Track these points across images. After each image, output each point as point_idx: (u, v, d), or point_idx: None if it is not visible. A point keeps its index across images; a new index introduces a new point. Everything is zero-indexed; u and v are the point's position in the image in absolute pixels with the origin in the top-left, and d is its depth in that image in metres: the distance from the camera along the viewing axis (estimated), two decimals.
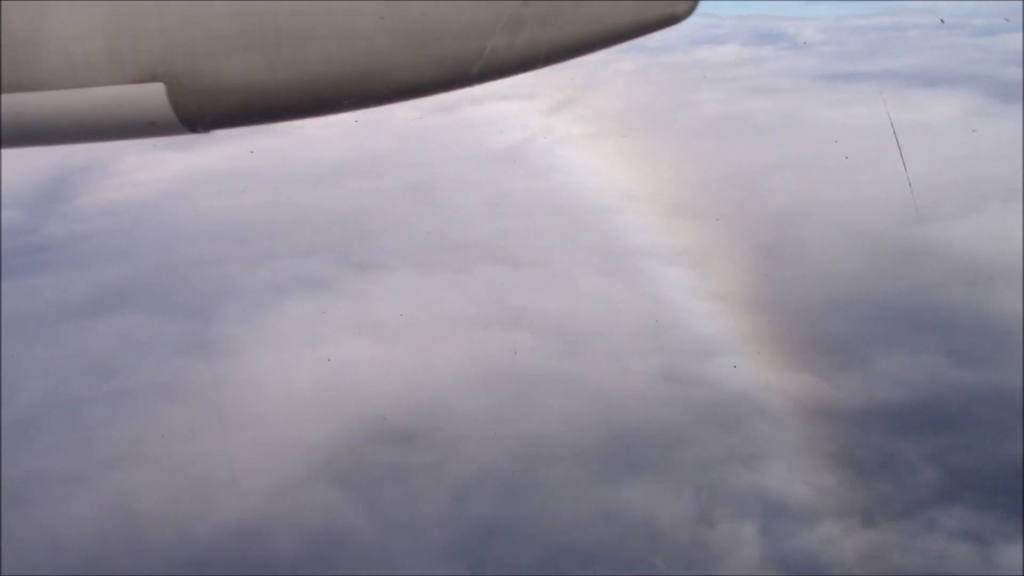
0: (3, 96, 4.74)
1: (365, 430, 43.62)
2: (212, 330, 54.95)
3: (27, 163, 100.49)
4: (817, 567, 34.34)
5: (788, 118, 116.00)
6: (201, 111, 4.67)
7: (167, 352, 52.29)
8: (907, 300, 56.08)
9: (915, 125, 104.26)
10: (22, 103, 4.74)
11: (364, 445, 42.69)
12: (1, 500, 36.56)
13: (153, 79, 4.58)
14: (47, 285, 67.63)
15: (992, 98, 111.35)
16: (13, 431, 44.40)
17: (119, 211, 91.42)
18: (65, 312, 61.45)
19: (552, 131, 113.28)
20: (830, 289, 58.09)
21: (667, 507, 37.74)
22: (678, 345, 51.24)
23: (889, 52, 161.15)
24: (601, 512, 37.61)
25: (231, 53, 4.47)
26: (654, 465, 40.52)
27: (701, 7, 4.61)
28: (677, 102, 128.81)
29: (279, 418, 44.47)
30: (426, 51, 4.39)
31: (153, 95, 4.61)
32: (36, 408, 46.46)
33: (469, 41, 4.35)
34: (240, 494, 38.84)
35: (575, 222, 74.23)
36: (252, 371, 49.13)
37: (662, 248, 67.19)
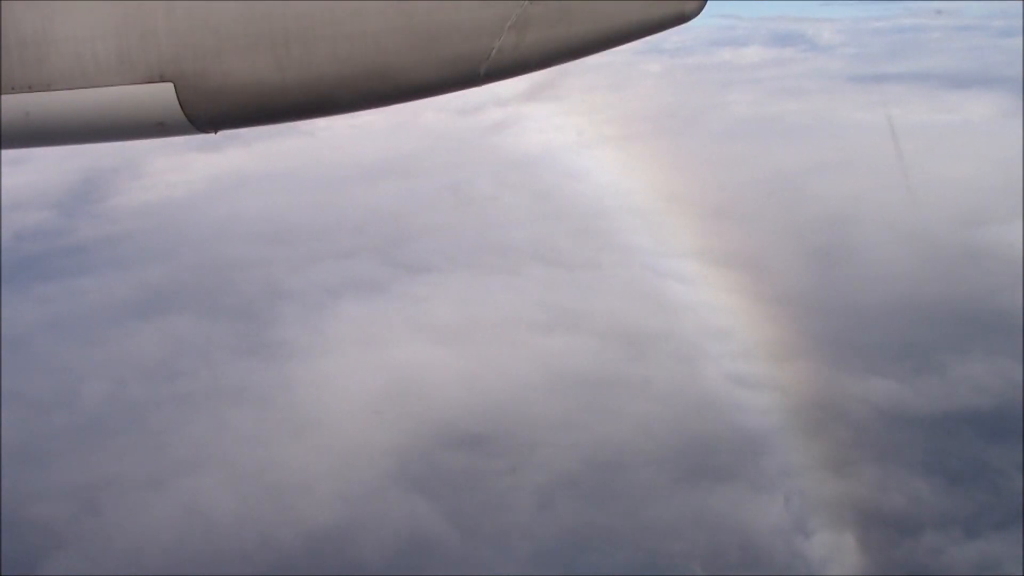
0: (13, 96, 4.77)
1: (436, 435, 42.90)
2: (269, 333, 54.33)
3: (56, 164, 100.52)
4: None
5: (821, 120, 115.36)
6: (210, 111, 4.71)
7: (227, 355, 51.63)
8: (970, 303, 55.21)
9: (954, 127, 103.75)
10: (32, 103, 4.77)
11: (437, 450, 41.95)
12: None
13: (162, 79, 4.62)
14: (91, 287, 66.98)
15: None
16: (78, 436, 43.83)
17: (153, 212, 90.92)
18: (113, 314, 60.85)
19: (584, 132, 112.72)
20: (890, 292, 57.24)
21: (758, 515, 36.93)
22: (745, 348, 50.45)
23: (913, 54, 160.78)
24: (691, 520, 36.80)
25: (239, 53, 4.50)
26: (739, 472, 39.73)
27: (717, 8, 4.51)
28: (708, 103, 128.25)
29: (348, 422, 43.74)
30: (433, 51, 4.41)
31: (162, 95, 4.65)
32: (100, 412, 45.80)
33: (476, 41, 4.36)
34: (319, 499, 38.17)
35: (620, 223, 73.49)
36: (316, 375, 48.46)
37: (711, 251, 66.42)
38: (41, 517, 37.13)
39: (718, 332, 52.45)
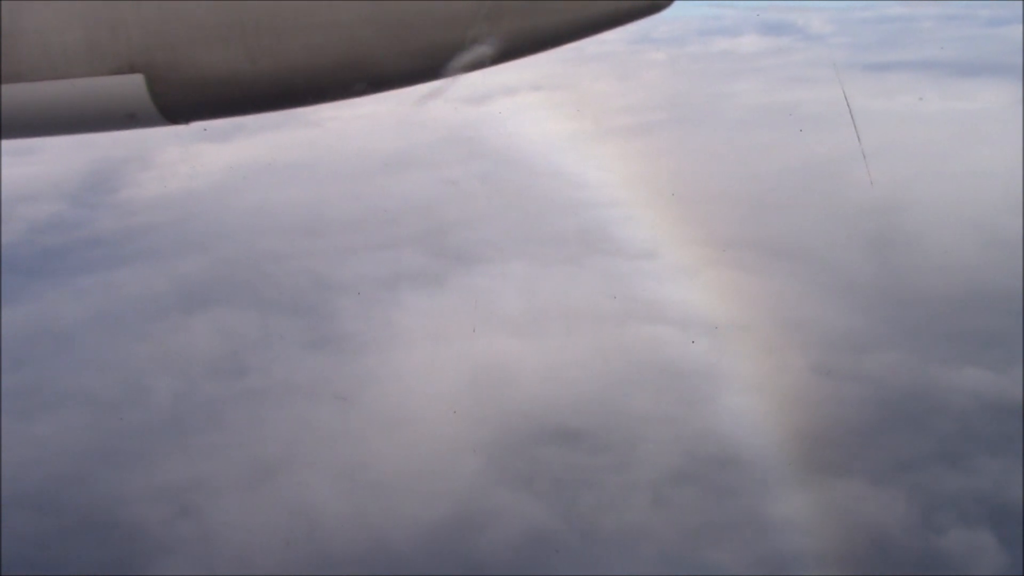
0: None
1: (530, 430, 41.65)
2: (332, 327, 52.79)
3: (64, 155, 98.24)
4: None
5: (836, 108, 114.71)
6: (181, 102, 4.64)
7: (293, 350, 50.03)
8: None
9: (973, 114, 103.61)
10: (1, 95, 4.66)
11: (534, 446, 40.72)
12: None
13: (132, 70, 4.52)
14: (128, 280, 65.10)
15: None
16: (158, 435, 42.23)
17: (172, 204, 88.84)
18: (159, 308, 58.96)
19: (600, 121, 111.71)
20: (956, 280, 56.38)
21: (884, 512, 35.89)
22: (825, 340, 49.42)
23: (910, 43, 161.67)
24: (815, 516, 35.77)
25: (211, 44, 4.42)
26: (852, 466, 38.70)
27: None
28: (718, 92, 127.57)
29: (436, 417, 42.32)
30: (407, 41, 4.35)
31: (132, 86, 4.56)
32: (176, 410, 44.13)
33: (450, 31, 4.30)
34: (425, 497, 36.81)
35: (662, 212, 72.27)
36: (393, 369, 47.03)
37: (765, 239, 65.55)
38: (140, 520, 35.56)
39: (795, 322, 51.43)
